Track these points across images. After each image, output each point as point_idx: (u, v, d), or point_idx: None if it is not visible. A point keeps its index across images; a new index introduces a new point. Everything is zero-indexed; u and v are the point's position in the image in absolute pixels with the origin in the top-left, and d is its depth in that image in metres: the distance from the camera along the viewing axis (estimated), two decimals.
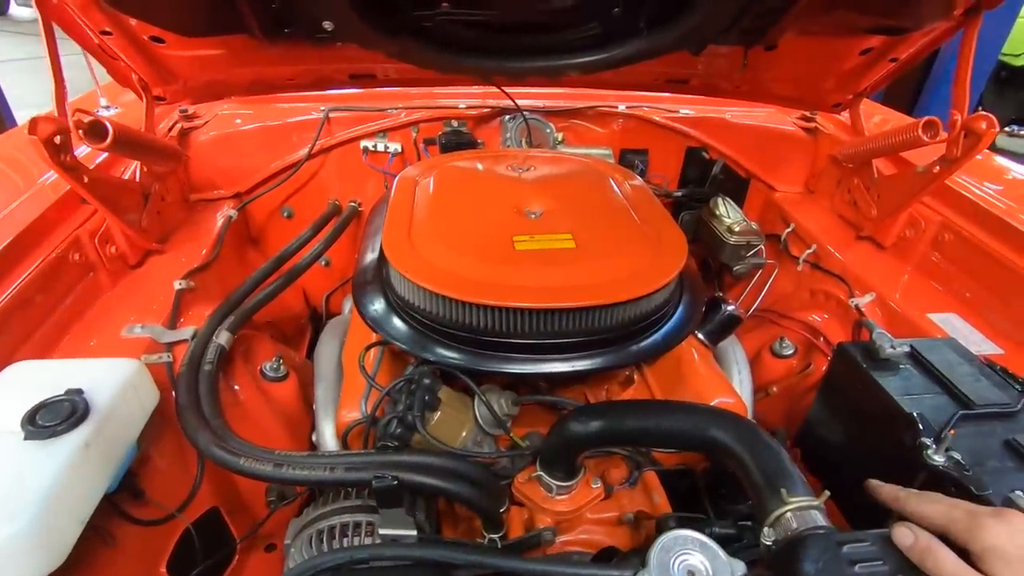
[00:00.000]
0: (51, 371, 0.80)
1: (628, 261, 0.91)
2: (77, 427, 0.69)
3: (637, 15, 1.09)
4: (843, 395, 0.96)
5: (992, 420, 0.81)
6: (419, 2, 1.03)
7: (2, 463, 0.65)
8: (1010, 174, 1.35)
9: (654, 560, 0.49)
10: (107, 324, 1.01)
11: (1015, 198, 1.19)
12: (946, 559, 0.51)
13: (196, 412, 0.89)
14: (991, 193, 1.20)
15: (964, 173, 1.23)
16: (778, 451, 0.65)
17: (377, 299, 0.98)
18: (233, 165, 1.48)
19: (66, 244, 1.00)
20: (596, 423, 0.77)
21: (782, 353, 1.32)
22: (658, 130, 1.59)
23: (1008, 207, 1.15)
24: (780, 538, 0.58)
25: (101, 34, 1.02)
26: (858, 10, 1.06)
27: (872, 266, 1.30)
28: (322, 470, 0.78)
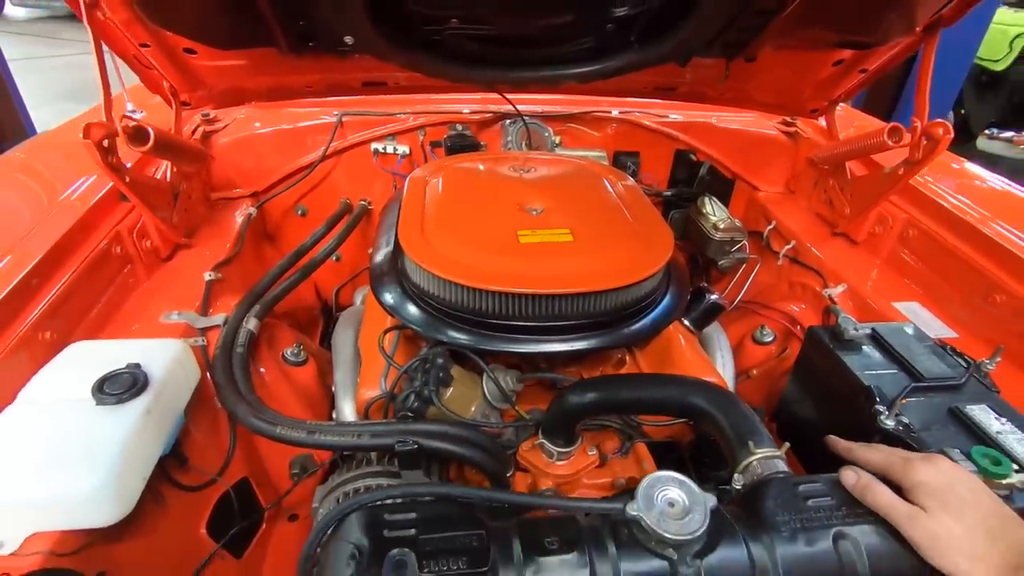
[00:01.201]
0: (107, 350, 0.89)
1: (620, 253, 1.02)
2: (139, 396, 0.79)
3: (629, 31, 1.20)
4: (813, 373, 1.07)
5: (940, 392, 0.92)
6: (430, 18, 1.14)
7: (80, 425, 0.74)
8: (968, 176, 1.47)
9: (641, 494, 0.60)
10: (146, 311, 1.11)
11: (973, 198, 1.30)
12: (882, 493, 0.62)
13: (233, 388, 0.99)
14: (951, 193, 1.32)
15: (928, 174, 1.35)
16: (747, 412, 0.76)
17: (393, 288, 1.08)
18: (251, 166, 1.57)
19: (109, 239, 1.10)
20: (591, 394, 0.88)
21: (762, 340, 1.44)
22: (649, 134, 1.70)
23: (966, 206, 1.26)
24: (748, 482, 0.69)
25: (140, 46, 1.11)
26: (828, 27, 1.17)
27: (845, 260, 1.41)
28: (350, 436, 0.89)
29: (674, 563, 0.58)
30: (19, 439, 0.73)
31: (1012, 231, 1.17)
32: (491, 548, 0.58)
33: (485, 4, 1.12)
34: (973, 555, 0.56)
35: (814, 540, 0.61)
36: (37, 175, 1.26)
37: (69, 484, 0.69)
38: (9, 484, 0.68)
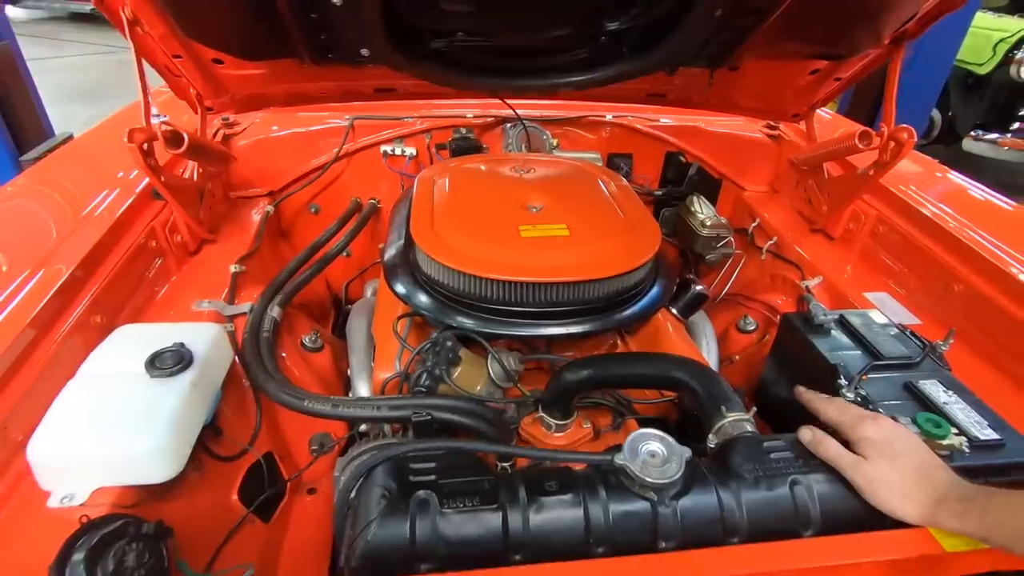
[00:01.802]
0: (151, 332, 1.00)
1: (612, 246, 1.13)
2: (186, 370, 0.90)
3: (620, 43, 1.31)
4: (787, 355, 1.18)
5: (897, 369, 1.03)
6: (438, 31, 1.25)
7: (137, 395, 0.85)
8: (932, 176, 1.59)
9: (627, 446, 0.71)
10: (178, 299, 1.21)
11: (936, 196, 1.41)
12: (831, 445, 0.73)
13: (263, 368, 1.10)
14: (917, 192, 1.43)
15: (897, 174, 1.46)
16: (721, 383, 0.87)
17: (406, 278, 1.19)
18: (267, 166, 1.68)
19: (145, 234, 1.20)
20: (586, 371, 0.98)
21: (745, 329, 1.55)
22: (641, 137, 1.81)
23: (929, 204, 1.37)
24: (720, 441, 0.80)
25: (173, 57, 1.21)
26: (802, 41, 1.28)
27: (823, 254, 1.52)
28: (371, 409, 0.99)
29: (654, 503, 0.69)
30: (86, 406, 0.83)
31: (970, 226, 1.28)
32: (500, 490, 0.68)
33: (489, 18, 1.23)
34: (904, 494, 0.67)
35: (773, 486, 0.72)
36: (77, 178, 1.36)
37: (131, 444, 0.79)
38: (80, 444, 0.79)
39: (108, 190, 1.24)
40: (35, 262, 1.00)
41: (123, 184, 1.27)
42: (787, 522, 0.70)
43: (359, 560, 0.63)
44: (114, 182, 1.28)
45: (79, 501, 0.79)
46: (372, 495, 0.68)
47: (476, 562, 0.63)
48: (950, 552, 0.65)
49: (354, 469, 0.72)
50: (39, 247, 1.04)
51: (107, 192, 1.23)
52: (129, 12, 1.07)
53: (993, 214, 1.42)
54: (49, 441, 0.78)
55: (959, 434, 0.87)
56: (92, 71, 7.53)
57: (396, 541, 0.64)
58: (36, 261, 1.00)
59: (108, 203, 1.19)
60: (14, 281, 0.94)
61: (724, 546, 0.68)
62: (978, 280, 1.19)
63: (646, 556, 0.63)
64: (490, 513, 0.66)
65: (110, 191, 1.23)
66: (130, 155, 1.07)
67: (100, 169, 1.36)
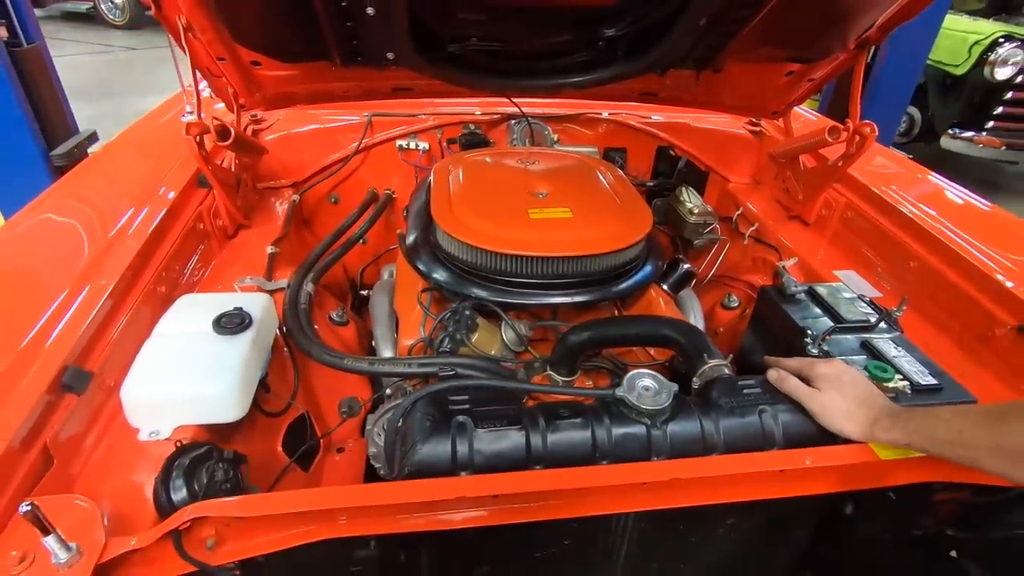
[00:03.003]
0: (210, 299, 1.14)
1: (610, 226, 1.28)
2: (247, 330, 1.05)
3: (615, 48, 1.47)
4: (763, 322, 1.34)
5: (856, 331, 1.19)
6: (455, 37, 1.40)
7: (209, 348, 1.00)
8: (893, 167, 1.76)
9: (625, 382, 0.86)
10: (223, 276, 1.36)
11: (896, 184, 1.58)
12: (792, 381, 0.89)
13: (303, 334, 1.25)
14: (881, 180, 1.60)
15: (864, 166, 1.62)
16: (703, 336, 1.03)
17: (427, 256, 1.34)
18: (291, 159, 1.82)
19: (194, 217, 1.34)
20: (587, 332, 1.14)
21: (729, 305, 1.71)
22: (634, 132, 1.97)
23: (891, 191, 1.54)
24: (702, 382, 0.96)
25: (217, 60, 1.36)
26: (777, 46, 1.44)
27: (799, 238, 1.69)
28: (403, 366, 1.14)
29: (648, 427, 0.85)
30: (167, 358, 0.97)
31: (922, 209, 1.44)
32: (523, 416, 0.84)
33: (500, 25, 1.38)
34: (849, 417, 0.84)
35: (745, 414, 0.88)
36: (127, 169, 1.51)
37: (208, 387, 0.94)
38: (165, 387, 0.93)
39: (160, 178, 1.38)
40: (107, 241, 1.14)
41: (172, 173, 1.41)
42: (756, 442, 0.86)
43: (412, 467, 0.78)
44: (163, 171, 1.42)
45: (164, 436, 0.93)
46: (419, 421, 0.83)
47: (505, 470, 0.79)
48: (884, 460, 0.82)
49: (403, 401, 0.87)
50: (108, 228, 1.19)
51: (160, 180, 1.37)
52: (184, 20, 1.22)
53: (944, 201, 1.59)
54: (140, 385, 0.93)
55: (903, 379, 1.03)
56: (90, 70, 7.61)
57: (440, 454, 0.79)
58: (107, 241, 1.14)
59: (163, 190, 1.33)
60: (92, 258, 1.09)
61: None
62: (930, 257, 1.36)
63: (643, 463, 0.79)
64: (515, 432, 0.82)
65: (162, 179, 1.38)
66: (176, 148, 1.22)
67: (151, 160, 1.50)
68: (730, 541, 1.02)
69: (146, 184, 1.35)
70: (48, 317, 0.94)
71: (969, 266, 1.26)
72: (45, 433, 0.82)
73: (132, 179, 1.41)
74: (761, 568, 1.09)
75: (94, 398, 0.92)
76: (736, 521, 0.98)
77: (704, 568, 1.06)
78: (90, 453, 0.90)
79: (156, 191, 1.32)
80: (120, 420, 0.95)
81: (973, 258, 1.26)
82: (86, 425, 0.90)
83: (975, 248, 1.29)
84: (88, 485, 0.85)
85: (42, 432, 0.81)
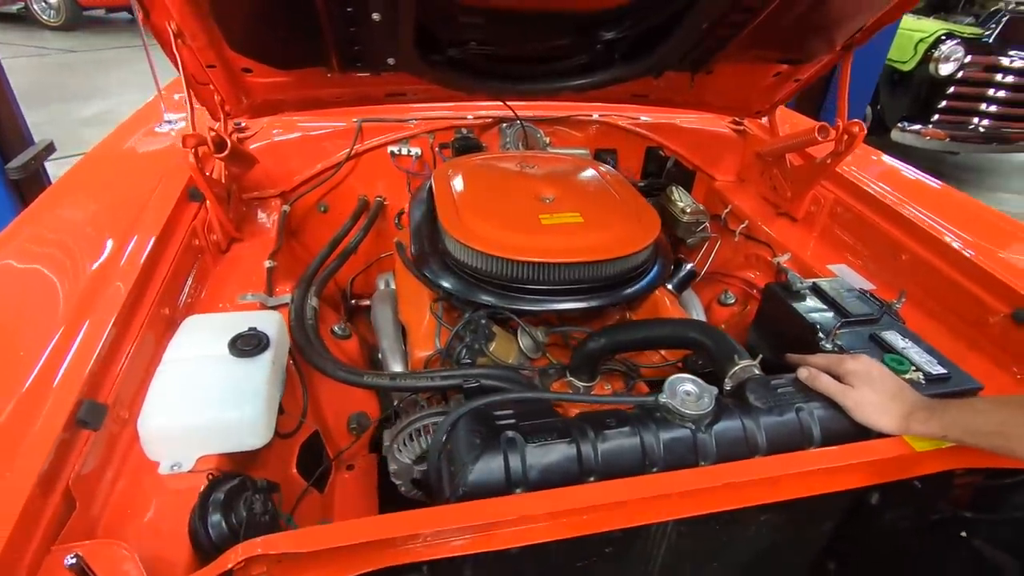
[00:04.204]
0: (218, 320, 1.09)
1: (621, 230, 1.29)
2: (265, 351, 1.00)
3: (613, 51, 1.47)
4: (770, 318, 1.37)
5: (863, 324, 1.23)
6: (455, 41, 1.38)
7: (228, 372, 0.95)
8: (877, 162, 1.83)
9: (667, 388, 0.86)
10: (222, 294, 1.30)
11: (884, 180, 1.64)
12: (825, 379, 0.91)
13: (315, 351, 1.20)
14: (868, 178, 1.66)
15: (851, 163, 1.68)
16: (729, 338, 1.04)
17: (436, 263, 1.31)
18: (278, 168, 1.76)
19: (189, 233, 1.28)
20: (613, 337, 1.14)
21: (726, 302, 1.75)
22: (624, 133, 1.98)
23: (878, 187, 1.60)
24: (734, 383, 0.97)
25: (207, 67, 1.30)
26: (770, 48, 1.48)
27: (789, 234, 1.74)
28: (425, 380, 1.12)
29: (693, 431, 0.85)
30: (184, 385, 0.92)
31: (911, 204, 1.50)
32: (571, 428, 0.83)
33: (500, 28, 1.37)
34: (882, 411, 0.86)
35: (783, 412, 0.89)
36: (110, 187, 1.42)
37: (232, 413, 0.90)
38: (186, 416, 0.88)
39: (148, 194, 1.30)
40: (102, 266, 1.07)
41: (160, 188, 1.33)
42: (795, 440, 0.88)
43: (467, 487, 0.76)
44: (149, 187, 1.34)
45: (186, 468, 0.89)
46: (466, 439, 0.81)
47: (559, 484, 0.78)
48: (919, 452, 0.85)
49: (445, 419, 0.85)
50: (100, 251, 1.11)
51: (147, 196, 1.30)
52: (175, 26, 1.15)
53: (924, 192, 1.66)
54: (159, 415, 0.88)
55: (916, 370, 1.08)
56: (24, 74, 7.14)
57: (494, 472, 0.78)
58: (103, 265, 1.07)
59: (153, 207, 1.26)
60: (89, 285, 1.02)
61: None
62: (921, 250, 1.42)
63: (697, 469, 0.79)
64: (566, 445, 0.81)
65: (149, 195, 1.30)
66: (158, 161, 1.16)
67: (133, 175, 1.42)
68: (760, 537, 1.04)
69: (133, 201, 1.28)
70: (51, 351, 0.87)
71: (960, 257, 1.32)
72: (65, 474, 0.76)
73: (117, 197, 1.33)
74: (788, 561, 1.12)
75: (109, 432, 0.87)
76: (768, 518, 0.99)
77: (734, 565, 1.08)
78: (109, 491, 0.84)
79: (145, 208, 1.25)
80: (136, 454, 0.90)
81: (963, 249, 1.32)
82: (103, 462, 0.85)
83: (963, 239, 1.35)
84: (112, 526, 0.80)
85: (62, 473, 0.76)
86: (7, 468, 0.70)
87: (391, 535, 0.70)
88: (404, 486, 1.20)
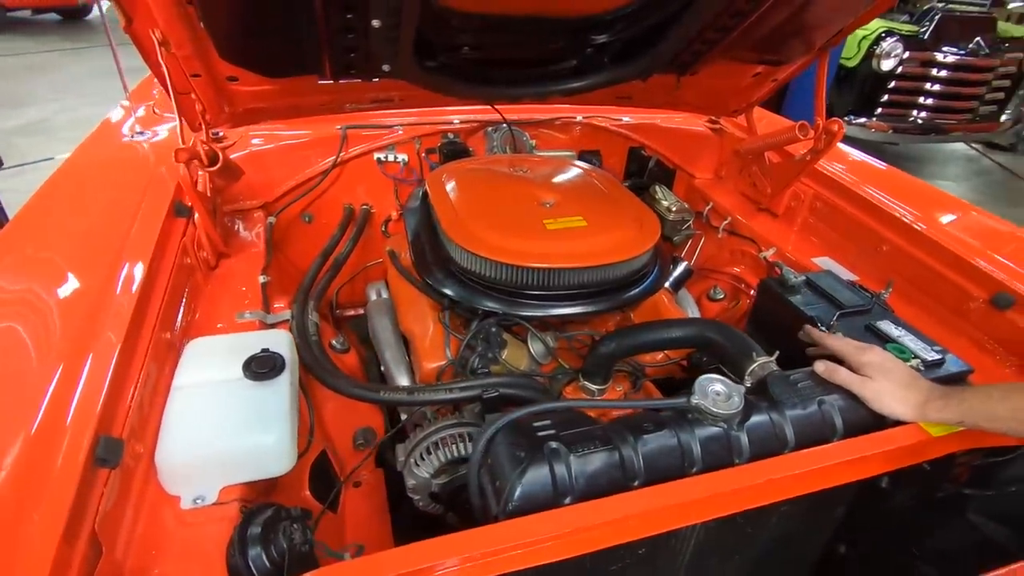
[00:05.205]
0: (224, 342, 1.04)
1: (626, 232, 1.30)
2: (282, 372, 0.96)
3: (603, 54, 1.49)
4: (768, 313, 1.42)
5: (857, 315, 1.29)
6: (448, 46, 1.36)
7: (246, 397, 0.91)
8: (852, 158, 1.91)
9: (697, 388, 0.88)
10: (218, 313, 1.24)
11: (860, 175, 1.72)
12: (843, 372, 0.95)
13: (324, 368, 1.17)
14: (843, 172, 1.73)
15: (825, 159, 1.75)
16: (745, 337, 1.07)
17: (441, 272, 1.29)
18: (259, 179, 1.69)
19: (180, 252, 1.22)
20: (628, 340, 1.15)
21: (715, 297, 1.79)
22: (607, 134, 2.01)
23: (854, 180, 1.67)
24: (755, 380, 1.00)
25: (191, 76, 1.23)
26: (750, 50, 1.52)
27: (770, 229, 1.79)
28: (444, 393, 1.10)
29: (726, 429, 0.87)
30: (200, 413, 0.88)
31: (888, 198, 1.58)
32: (611, 435, 0.83)
33: (493, 33, 1.36)
34: (899, 400, 0.90)
35: (807, 406, 0.92)
36: (86, 208, 1.33)
37: (258, 440, 0.86)
38: (208, 446, 0.84)
39: (131, 213, 1.23)
40: (96, 293, 1.00)
41: (143, 206, 1.26)
42: (820, 433, 0.91)
43: (517, 502, 0.75)
44: (130, 205, 1.27)
45: (210, 501, 0.85)
46: (508, 452, 0.80)
47: (605, 491, 0.78)
48: (936, 437, 0.89)
49: (483, 435, 0.83)
50: (91, 277, 1.04)
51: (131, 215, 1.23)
52: (159, 34, 1.10)
53: (899, 183, 1.75)
54: (178, 447, 0.83)
55: (915, 357, 1.13)
56: None
57: (541, 483, 0.77)
58: (97, 292, 1.00)
59: (143, 225, 1.19)
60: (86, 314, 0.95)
61: (781, 455, 0.87)
62: (900, 240, 1.49)
63: (736, 467, 0.81)
64: (608, 452, 0.81)
65: (133, 214, 1.23)
66: (135, 175, 1.10)
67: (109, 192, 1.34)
68: (779, 527, 1.07)
69: (119, 221, 1.20)
70: (56, 386, 0.81)
71: (938, 247, 1.39)
72: (88, 517, 0.71)
73: (100, 218, 1.25)
74: (802, 549, 1.15)
75: (125, 469, 0.82)
76: (787, 508, 1.03)
77: (753, 556, 1.11)
78: (130, 532, 0.79)
79: (131, 228, 1.18)
80: (154, 489, 0.85)
81: (941, 238, 1.39)
82: (121, 501, 0.80)
83: (940, 229, 1.43)
84: (139, 570, 0.76)
85: (85, 517, 0.71)
86: (32, 515, 0.65)
87: (459, 555, 0.68)
88: (422, 501, 1.18)
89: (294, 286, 1.54)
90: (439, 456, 1.13)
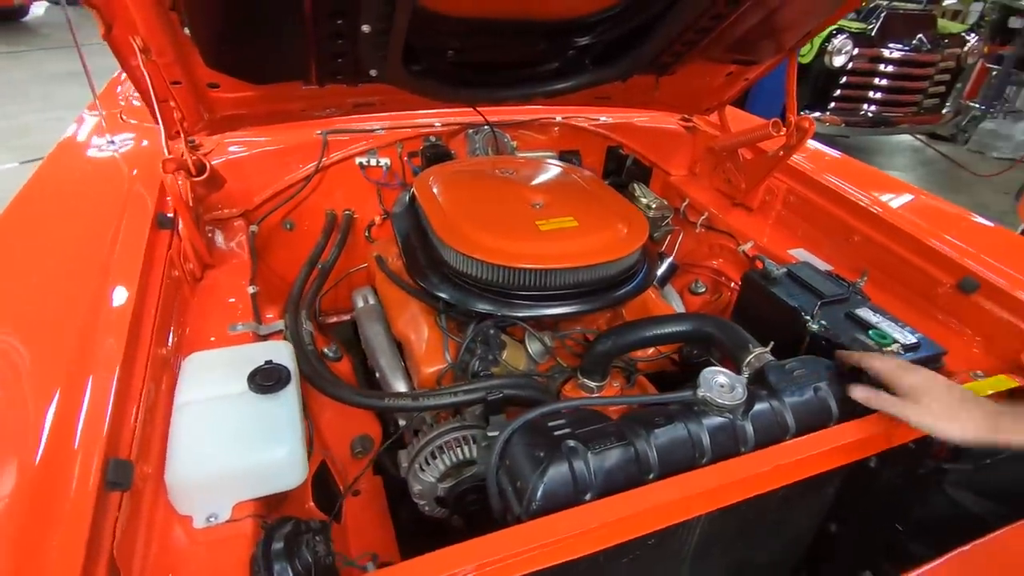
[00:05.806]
0: (224, 355, 1.02)
1: (616, 231, 1.33)
2: (288, 384, 0.95)
3: (585, 56, 1.51)
4: (752, 304, 1.47)
5: (836, 304, 1.35)
6: (433, 49, 1.36)
7: (254, 411, 0.89)
8: (823, 154, 1.99)
9: (702, 381, 0.91)
10: (209, 326, 1.21)
11: (830, 170, 1.79)
12: (888, 399, 0.93)
13: (324, 378, 1.15)
14: (813, 167, 1.81)
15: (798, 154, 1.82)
16: (741, 330, 1.11)
17: (435, 275, 1.29)
18: (238, 187, 1.65)
19: (167, 264, 1.18)
20: (626, 336, 1.18)
21: (697, 291, 1.84)
22: (586, 134, 2.03)
23: (817, 170, 1.74)
24: (752, 370, 1.04)
25: (172, 84, 1.20)
26: (725, 51, 1.57)
27: (746, 223, 1.86)
28: (448, 397, 1.10)
29: (731, 419, 0.90)
30: (208, 429, 0.86)
31: (857, 191, 1.65)
32: (624, 431, 0.86)
33: (477, 36, 1.36)
34: (954, 420, 0.88)
35: (803, 393, 0.97)
36: (63, 226, 1.27)
37: (270, 454, 0.85)
38: (219, 463, 0.83)
39: (112, 228, 1.19)
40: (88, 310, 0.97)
41: (125, 220, 1.22)
42: (817, 417, 0.96)
43: (540, 501, 0.77)
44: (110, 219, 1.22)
45: (224, 518, 0.83)
46: (526, 452, 0.81)
47: (622, 486, 0.80)
48: None
49: (501, 436, 0.84)
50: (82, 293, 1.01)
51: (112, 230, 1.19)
52: (140, 42, 1.06)
53: (866, 175, 1.83)
54: (189, 465, 0.81)
55: (895, 341, 1.19)
56: None
57: (562, 481, 0.79)
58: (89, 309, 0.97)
59: (128, 239, 1.15)
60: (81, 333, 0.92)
61: (782, 442, 0.91)
62: (870, 231, 1.56)
63: (746, 455, 0.84)
64: (623, 448, 0.83)
65: (116, 229, 1.19)
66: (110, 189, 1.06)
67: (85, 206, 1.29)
68: (777, 511, 1.11)
69: (101, 236, 1.16)
70: (57, 409, 0.78)
71: (906, 235, 1.46)
72: (105, 544, 0.69)
73: (83, 233, 1.20)
74: (796, 531, 1.20)
75: (135, 490, 0.79)
76: (785, 492, 1.07)
77: (754, 539, 1.15)
78: (144, 556, 0.77)
79: (116, 244, 1.14)
80: (164, 509, 0.83)
81: (908, 228, 1.47)
82: (134, 523, 0.78)
83: (907, 219, 1.51)
84: None
85: (102, 543, 0.69)
86: (51, 543, 0.63)
87: (495, 556, 0.69)
88: (428, 506, 1.18)
89: (279, 295, 1.52)
90: (444, 460, 1.13)
